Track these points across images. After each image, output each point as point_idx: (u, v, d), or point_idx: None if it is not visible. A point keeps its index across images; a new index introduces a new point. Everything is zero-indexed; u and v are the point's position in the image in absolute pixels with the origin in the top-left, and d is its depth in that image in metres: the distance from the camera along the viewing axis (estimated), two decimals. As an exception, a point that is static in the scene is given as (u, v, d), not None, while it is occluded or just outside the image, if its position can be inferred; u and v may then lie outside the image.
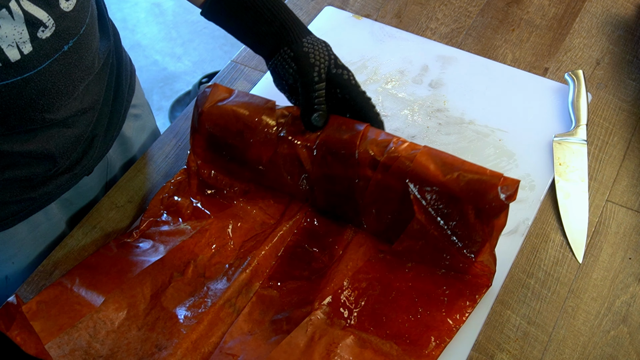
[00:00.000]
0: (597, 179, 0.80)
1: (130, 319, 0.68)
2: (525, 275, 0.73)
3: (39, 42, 0.61)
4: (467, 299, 0.67)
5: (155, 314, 0.68)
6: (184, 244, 0.73)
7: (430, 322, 0.66)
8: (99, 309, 0.67)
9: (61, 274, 0.75)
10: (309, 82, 0.69)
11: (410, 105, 0.88)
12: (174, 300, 0.69)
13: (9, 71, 0.60)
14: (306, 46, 0.70)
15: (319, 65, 0.70)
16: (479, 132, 0.84)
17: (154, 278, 0.70)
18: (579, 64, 0.93)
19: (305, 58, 0.69)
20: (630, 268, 0.73)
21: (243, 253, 0.73)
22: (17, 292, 0.74)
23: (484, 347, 0.68)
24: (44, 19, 0.60)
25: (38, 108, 0.66)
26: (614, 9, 0.99)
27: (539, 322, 0.69)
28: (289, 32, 0.70)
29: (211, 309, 0.68)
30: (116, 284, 0.69)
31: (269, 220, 0.76)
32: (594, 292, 0.71)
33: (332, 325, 0.66)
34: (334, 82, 0.71)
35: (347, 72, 0.71)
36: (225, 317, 0.68)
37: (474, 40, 0.97)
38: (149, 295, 0.69)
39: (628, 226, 0.76)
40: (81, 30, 0.66)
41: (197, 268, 0.71)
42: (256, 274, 0.71)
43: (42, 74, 0.63)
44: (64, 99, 0.68)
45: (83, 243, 0.78)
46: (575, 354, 0.67)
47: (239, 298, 0.69)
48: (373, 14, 1.01)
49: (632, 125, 0.85)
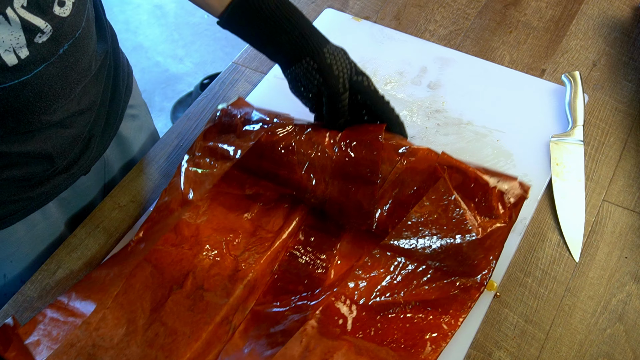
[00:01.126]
0: (593, 179, 0.80)
1: (130, 335, 0.66)
2: (522, 274, 0.73)
3: (35, 46, 0.61)
4: (460, 303, 0.67)
5: (155, 330, 0.67)
6: (184, 256, 0.71)
7: (426, 327, 0.65)
8: (98, 326, 0.65)
9: (64, 272, 0.75)
10: (335, 94, 0.71)
11: (409, 106, 0.88)
12: (173, 315, 0.67)
13: (6, 75, 0.60)
14: (328, 57, 0.70)
15: (342, 76, 0.71)
16: (477, 133, 0.84)
17: (153, 292, 0.69)
18: (576, 65, 0.93)
19: (329, 70, 0.70)
20: (627, 267, 0.73)
21: (241, 265, 0.71)
22: (21, 291, 0.74)
23: (482, 345, 0.68)
24: (41, 26, 0.60)
25: (35, 110, 0.66)
26: (610, 11, 0.99)
27: (537, 320, 0.69)
28: (308, 41, 0.70)
29: (209, 327, 0.66)
30: (114, 292, 0.67)
31: (266, 234, 0.74)
32: (591, 290, 0.71)
33: (327, 334, 0.64)
34: (355, 89, 0.72)
35: (367, 79, 0.73)
36: (222, 335, 0.67)
37: (472, 42, 0.97)
38: (148, 310, 0.68)
39: (624, 226, 0.76)
40: (77, 33, 0.66)
41: (196, 280, 0.70)
42: (252, 291, 0.70)
43: (39, 77, 0.63)
44: (61, 101, 0.68)
45: (86, 242, 0.78)
46: (572, 352, 0.67)
47: (236, 315, 0.68)
48: (372, 16, 1.01)
49: (628, 126, 0.86)
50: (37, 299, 0.73)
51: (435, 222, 0.67)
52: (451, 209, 0.67)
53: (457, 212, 0.67)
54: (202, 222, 0.74)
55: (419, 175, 0.69)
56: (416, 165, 0.70)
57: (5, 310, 0.73)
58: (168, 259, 0.71)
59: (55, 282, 0.75)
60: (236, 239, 0.74)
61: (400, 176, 0.70)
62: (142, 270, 0.69)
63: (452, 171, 0.69)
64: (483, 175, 0.68)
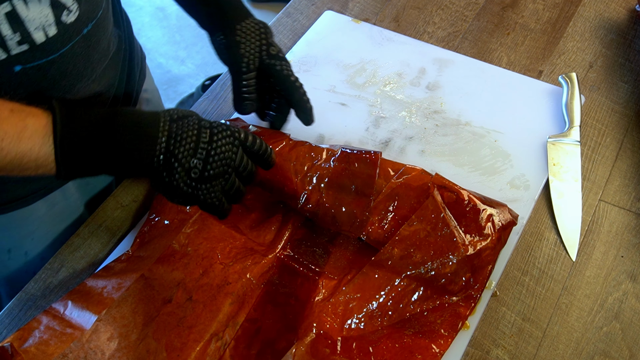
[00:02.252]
0: (590, 179, 0.80)
1: (121, 350, 0.65)
2: (520, 272, 0.73)
3: (62, 25, 0.62)
4: (450, 323, 0.66)
5: (145, 346, 0.65)
6: (174, 267, 0.70)
7: (415, 348, 0.65)
8: (91, 338, 0.65)
9: (67, 271, 0.75)
10: (237, 72, 0.70)
11: (408, 107, 0.88)
12: (163, 331, 0.66)
13: (35, 53, 0.62)
14: (239, 35, 0.69)
15: (249, 56, 0.69)
16: (475, 133, 0.84)
17: (146, 305, 0.68)
18: (573, 66, 0.93)
19: (236, 48, 0.69)
20: (623, 266, 0.73)
21: (230, 276, 0.70)
22: (24, 289, 0.74)
23: (479, 342, 0.68)
24: (68, 3, 0.62)
25: (60, 89, 0.67)
26: (607, 14, 0.99)
27: (534, 319, 0.69)
28: (224, 15, 0.70)
29: (197, 344, 0.65)
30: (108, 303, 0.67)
31: (257, 247, 0.74)
32: (587, 289, 0.71)
33: (316, 355, 0.64)
34: (267, 73, 0.71)
35: (282, 63, 0.71)
36: (213, 352, 0.66)
37: (470, 44, 0.97)
38: (140, 324, 0.67)
39: (620, 225, 0.76)
40: (98, 14, 0.68)
41: (186, 290, 0.69)
42: (242, 306, 0.69)
43: (65, 56, 0.65)
44: (84, 81, 0.70)
45: (89, 242, 0.78)
46: (569, 350, 0.67)
47: (227, 331, 0.67)
48: (372, 18, 1.01)
49: (624, 127, 0.86)
50: (40, 298, 0.73)
51: (424, 240, 0.67)
52: (439, 227, 0.67)
53: (445, 230, 0.67)
54: (193, 231, 0.73)
55: (412, 191, 0.70)
56: (410, 182, 0.71)
57: (10, 309, 0.73)
58: (160, 269, 0.70)
59: (59, 280, 0.75)
60: (226, 247, 0.73)
61: (394, 190, 0.70)
62: (135, 283, 0.69)
63: (444, 190, 0.69)
64: (474, 197, 0.70)
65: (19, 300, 0.74)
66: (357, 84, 0.91)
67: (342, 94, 0.90)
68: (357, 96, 0.90)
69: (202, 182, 0.59)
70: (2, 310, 0.73)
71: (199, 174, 0.58)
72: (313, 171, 0.72)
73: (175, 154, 0.58)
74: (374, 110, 0.88)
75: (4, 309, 0.73)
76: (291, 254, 0.73)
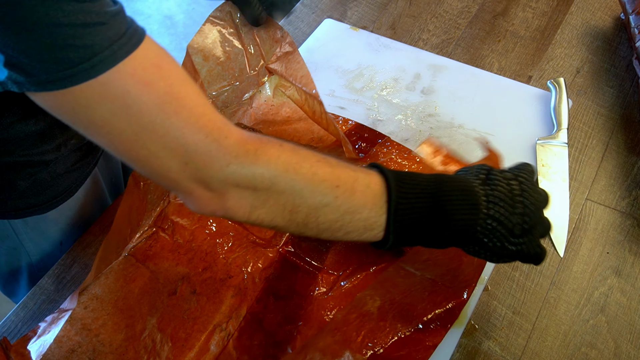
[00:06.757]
0: (577, 179, 0.80)
1: (128, 340, 0.65)
2: (510, 268, 0.73)
3: None
4: (442, 318, 0.65)
5: (151, 337, 0.65)
6: (179, 261, 0.71)
7: (408, 341, 0.64)
8: (98, 331, 0.65)
9: (79, 267, 0.75)
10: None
11: (403, 110, 0.88)
12: (168, 322, 0.66)
13: None
14: None
15: None
16: (468, 136, 0.84)
17: (151, 297, 0.68)
18: (561, 72, 0.93)
19: None
20: (608, 262, 0.73)
21: (233, 269, 0.70)
22: (39, 284, 0.74)
23: (472, 334, 0.68)
24: None
25: None
26: (593, 22, 0.99)
27: (523, 312, 0.69)
28: None
29: (202, 335, 0.65)
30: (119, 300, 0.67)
31: (259, 241, 0.73)
32: (575, 284, 0.71)
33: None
34: None
35: None
36: (218, 342, 0.65)
37: (463, 50, 0.97)
38: (146, 316, 0.67)
39: (606, 223, 0.76)
40: None
41: (190, 284, 0.69)
42: (245, 298, 0.69)
43: None
44: None
45: (100, 239, 0.78)
46: (557, 342, 0.67)
47: (230, 322, 0.67)
48: (369, 26, 1.02)
49: (609, 129, 0.86)
50: (54, 292, 0.74)
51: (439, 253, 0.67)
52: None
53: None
54: (197, 227, 0.73)
55: None
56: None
57: (24, 302, 0.73)
58: (165, 264, 0.70)
59: (71, 276, 0.75)
60: (229, 242, 0.73)
61: None
62: (141, 276, 0.69)
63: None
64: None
65: (33, 294, 0.74)
66: (356, 89, 0.91)
67: (341, 98, 0.90)
68: (356, 100, 0.90)
69: (524, 236, 0.54)
70: (17, 304, 0.73)
71: (521, 229, 0.54)
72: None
73: (497, 217, 0.53)
74: (371, 114, 0.88)
75: (19, 303, 0.73)
76: (292, 247, 0.73)
